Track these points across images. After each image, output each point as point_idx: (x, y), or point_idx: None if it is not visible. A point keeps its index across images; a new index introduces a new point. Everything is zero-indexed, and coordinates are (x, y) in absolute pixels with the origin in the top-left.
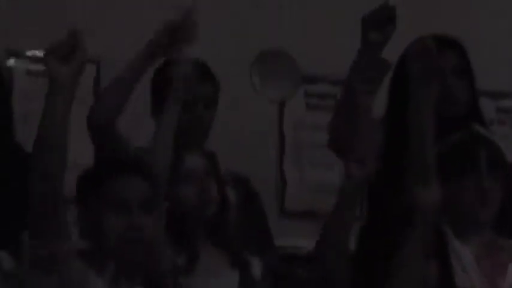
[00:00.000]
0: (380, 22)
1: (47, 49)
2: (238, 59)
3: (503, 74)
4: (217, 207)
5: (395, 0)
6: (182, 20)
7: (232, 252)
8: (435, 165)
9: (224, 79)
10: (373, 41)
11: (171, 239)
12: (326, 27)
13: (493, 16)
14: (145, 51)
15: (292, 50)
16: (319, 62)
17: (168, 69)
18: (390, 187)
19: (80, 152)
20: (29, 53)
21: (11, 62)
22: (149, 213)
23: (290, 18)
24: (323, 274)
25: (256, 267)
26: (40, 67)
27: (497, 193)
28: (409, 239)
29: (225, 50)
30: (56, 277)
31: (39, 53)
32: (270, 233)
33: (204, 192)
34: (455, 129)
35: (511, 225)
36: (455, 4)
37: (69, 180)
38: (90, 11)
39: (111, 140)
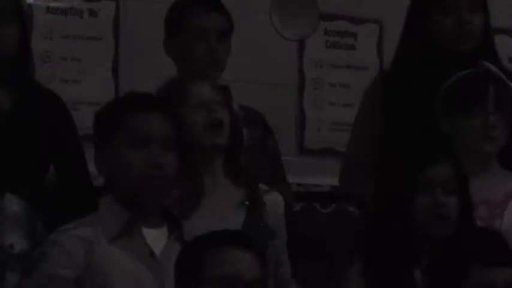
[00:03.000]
0: None
1: None
2: None
3: None
4: (230, 140)
5: None
6: None
7: (246, 189)
8: (442, 99)
9: (244, 18)
10: None
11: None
12: None
13: None
14: None
15: None
16: (338, 0)
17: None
18: None
19: (98, 91)
20: None
21: None
22: (170, 152)
23: None
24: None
25: (277, 205)
26: (60, 4)
27: (504, 129)
28: None
29: None
30: None
31: None
32: (283, 168)
33: (216, 121)
34: (466, 65)
35: None
36: None
37: (89, 117)
38: None
39: None
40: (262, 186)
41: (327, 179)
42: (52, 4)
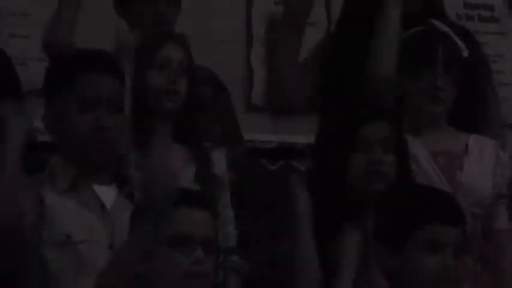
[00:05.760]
0: None
1: None
2: None
3: None
4: (185, 102)
5: None
6: None
7: (192, 147)
8: None
9: None
10: None
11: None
12: None
13: None
14: None
15: None
16: None
17: None
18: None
19: None
20: None
21: None
22: (117, 113)
23: None
24: None
25: (220, 161)
26: None
27: (452, 89)
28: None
29: None
30: None
31: None
32: (238, 127)
33: (174, 83)
34: (414, 24)
35: (467, 120)
36: None
37: (37, 73)
38: None
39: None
40: (206, 144)
41: (275, 136)
42: None
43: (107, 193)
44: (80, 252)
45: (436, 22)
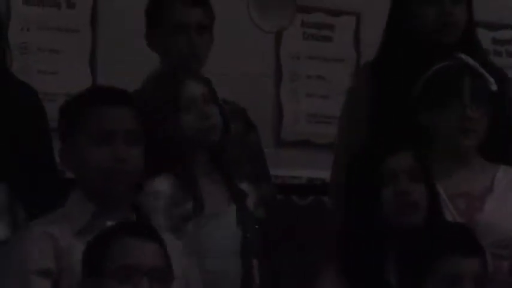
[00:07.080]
0: None
1: None
2: None
3: (499, 5)
4: (221, 133)
5: None
6: None
7: (231, 185)
8: (420, 93)
9: (221, 9)
10: None
11: (178, 181)
12: None
13: None
14: None
15: None
16: None
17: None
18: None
19: (75, 82)
20: None
21: None
22: (134, 145)
23: None
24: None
25: (251, 197)
26: None
27: (481, 122)
28: None
29: None
30: None
31: None
32: (266, 164)
33: (206, 118)
34: (447, 57)
35: (498, 151)
36: None
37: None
38: None
39: None
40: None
41: (304, 171)
42: None
43: None
44: None
45: (462, 56)
